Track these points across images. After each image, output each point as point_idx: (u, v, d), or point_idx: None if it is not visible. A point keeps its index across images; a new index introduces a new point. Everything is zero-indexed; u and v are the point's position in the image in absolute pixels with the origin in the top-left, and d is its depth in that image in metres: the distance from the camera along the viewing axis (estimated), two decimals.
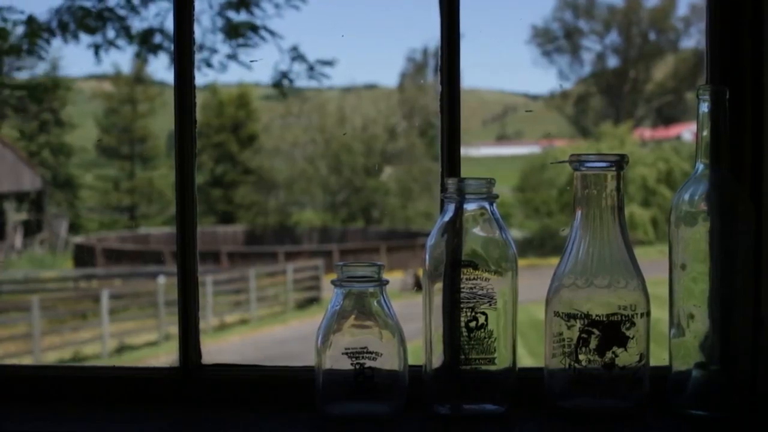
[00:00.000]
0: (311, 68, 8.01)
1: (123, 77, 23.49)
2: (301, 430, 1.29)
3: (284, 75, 7.98)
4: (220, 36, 7.64)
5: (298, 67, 7.97)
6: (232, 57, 8.00)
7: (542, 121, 29.73)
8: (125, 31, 7.41)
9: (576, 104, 29.46)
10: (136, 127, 23.85)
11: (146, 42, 7.70)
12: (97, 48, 7.65)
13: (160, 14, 7.41)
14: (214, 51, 7.76)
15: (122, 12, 7.11)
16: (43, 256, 19.57)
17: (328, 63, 8.60)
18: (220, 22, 7.46)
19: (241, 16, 7.53)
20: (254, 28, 7.44)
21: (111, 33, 7.33)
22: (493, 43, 41.00)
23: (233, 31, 7.47)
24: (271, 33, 7.64)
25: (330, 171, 24.35)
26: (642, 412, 1.28)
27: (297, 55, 7.95)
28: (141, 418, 1.35)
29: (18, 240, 20.01)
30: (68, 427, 1.32)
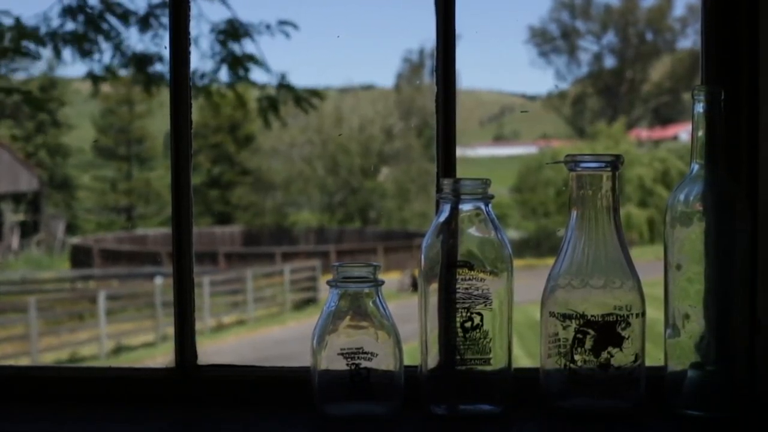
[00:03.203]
0: (298, 98, 7.94)
1: (120, 78, 23.46)
2: (297, 430, 1.29)
3: (271, 102, 7.92)
4: (218, 62, 7.60)
5: (285, 95, 7.92)
6: (231, 86, 8.01)
7: (539, 121, 29.76)
8: (121, 53, 7.34)
9: (573, 104, 29.49)
10: (133, 127, 23.84)
11: (142, 68, 7.66)
12: (95, 79, 7.63)
13: (157, 35, 7.39)
14: (214, 80, 7.78)
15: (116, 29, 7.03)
16: (40, 257, 19.57)
17: (317, 94, 8.55)
18: (218, 48, 7.42)
19: (234, 42, 7.50)
20: (255, 62, 7.41)
21: (107, 56, 7.26)
22: (491, 43, 41.03)
23: (235, 63, 7.44)
24: (268, 70, 7.64)
25: (327, 172, 24.36)
26: (639, 412, 1.28)
27: (284, 84, 7.90)
28: (137, 418, 1.35)
29: (15, 241, 20.00)
30: (65, 428, 1.32)
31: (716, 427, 1.26)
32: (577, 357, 1.26)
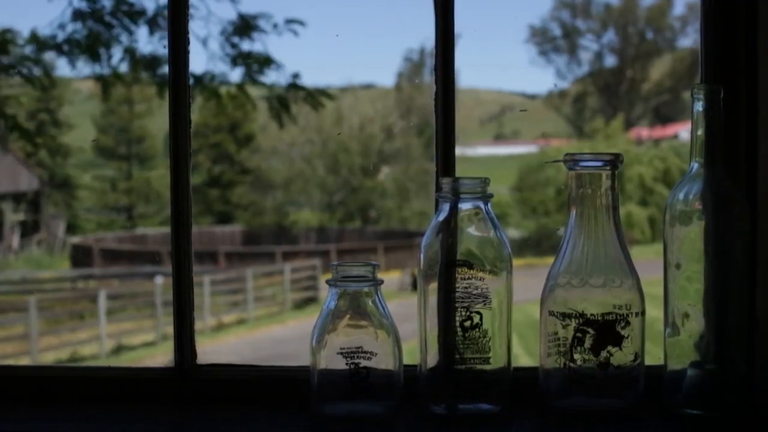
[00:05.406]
0: (311, 95, 7.91)
1: (123, 78, 23.44)
2: (296, 430, 1.29)
3: (282, 101, 7.90)
4: (228, 62, 7.57)
5: (295, 94, 7.91)
6: (240, 87, 8.00)
7: (540, 120, 29.74)
8: (130, 54, 7.34)
9: (573, 103, 29.48)
10: (133, 127, 23.85)
11: (152, 70, 7.68)
12: (105, 84, 7.63)
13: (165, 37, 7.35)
14: (224, 82, 7.76)
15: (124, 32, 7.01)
16: (41, 256, 19.57)
17: (329, 95, 8.52)
18: (227, 49, 7.40)
19: (244, 41, 7.50)
20: (268, 62, 7.40)
21: (116, 58, 7.25)
22: (491, 42, 41.05)
23: (241, 60, 7.44)
24: (278, 65, 7.63)
25: (327, 171, 24.35)
26: (637, 411, 1.28)
27: (295, 84, 7.88)
28: (137, 418, 1.35)
29: (15, 240, 20.01)
30: (65, 428, 1.32)
31: (715, 426, 1.26)
32: (576, 356, 1.26)
